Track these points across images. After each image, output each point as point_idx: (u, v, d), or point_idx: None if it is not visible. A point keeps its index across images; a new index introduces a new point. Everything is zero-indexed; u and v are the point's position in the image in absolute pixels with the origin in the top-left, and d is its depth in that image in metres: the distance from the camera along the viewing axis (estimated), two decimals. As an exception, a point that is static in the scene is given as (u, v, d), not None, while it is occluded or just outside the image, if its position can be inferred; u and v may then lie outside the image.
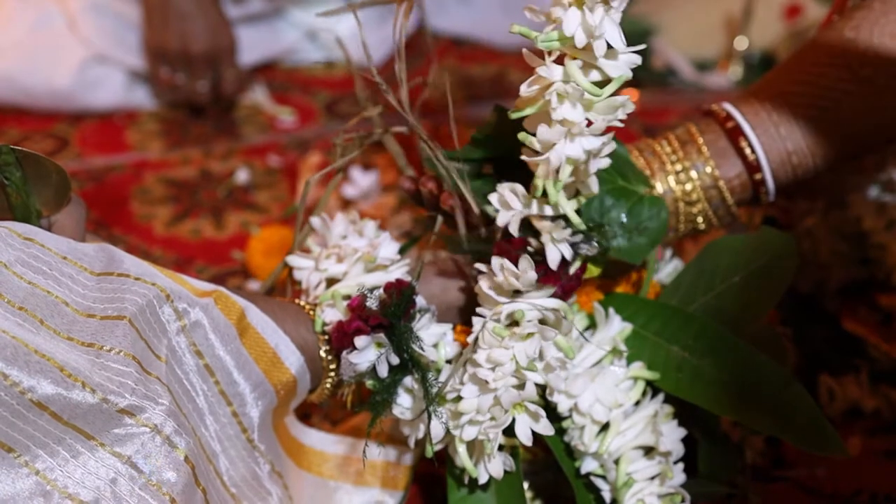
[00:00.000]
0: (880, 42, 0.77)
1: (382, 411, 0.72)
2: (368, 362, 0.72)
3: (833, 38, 0.79)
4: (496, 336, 0.69)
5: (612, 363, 0.76)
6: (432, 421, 0.71)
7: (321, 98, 1.47)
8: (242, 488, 0.71)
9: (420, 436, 0.74)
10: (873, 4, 0.79)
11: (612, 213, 0.77)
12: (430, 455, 0.72)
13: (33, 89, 1.37)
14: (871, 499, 0.87)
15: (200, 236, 1.20)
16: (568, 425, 0.75)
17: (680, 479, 0.74)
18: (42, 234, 0.66)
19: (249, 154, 1.33)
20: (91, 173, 1.30)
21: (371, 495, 0.80)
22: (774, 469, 0.90)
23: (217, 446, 0.70)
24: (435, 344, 0.73)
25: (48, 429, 0.58)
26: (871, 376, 0.96)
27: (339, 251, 0.77)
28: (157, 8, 1.35)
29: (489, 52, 1.60)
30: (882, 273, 0.99)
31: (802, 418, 0.70)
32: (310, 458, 0.80)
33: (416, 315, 0.72)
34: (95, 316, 0.64)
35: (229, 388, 0.70)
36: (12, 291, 0.62)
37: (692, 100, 1.47)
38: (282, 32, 1.52)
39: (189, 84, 1.37)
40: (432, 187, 0.77)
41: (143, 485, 0.61)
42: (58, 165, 0.69)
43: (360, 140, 0.77)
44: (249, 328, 0.72)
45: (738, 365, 0.73)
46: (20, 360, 0.57)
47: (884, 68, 0.77)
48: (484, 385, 0.70)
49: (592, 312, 0.78)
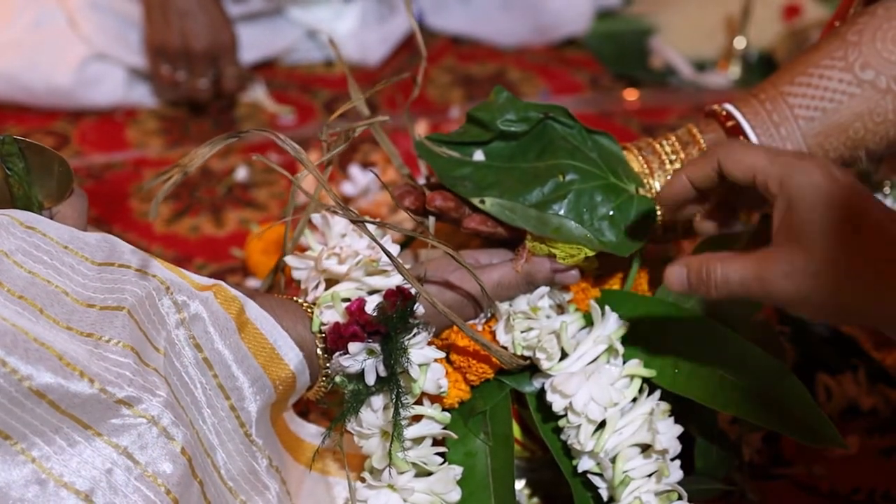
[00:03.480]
0: (883, 46, 0.78)
1: (350, 414, 0.73)
2: (358, 366, 0.72)
3: (836, 41, 0.80)
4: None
5: (608, 361, 0.76)
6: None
7: (321, 96, 1.47)
8: (240, 482, 0.71)
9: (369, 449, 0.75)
10: (876, 10, 0.80)
11: (601, 209, 0.78)
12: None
13: (33, 87, 1.37)
14: (868, 496, 0.87)
15: (200, 233, 1.20)
16: (564, 424, 0.76)
17: (677, 476, 0.74)
18: (44, 222, 0.66)
19: (249, 152, 1.33)
20: (91, 170, 1.30)
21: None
22: (772, 466, 0.90)
23: (215, 440, 0.70)
24: (421, 365, 0.73)
25: (46, 417, 0.59)
26: (869, 375, 0.96)
27: (340, 252, 0.76)
28: (158, 5, 1.35)
29: (488, 51, 1.60)
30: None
31: (799, 411, 0.70)
32: (308, 453, 0.80)
33: (415, 328, 0.72)
34: (95, 306, 0.64)
35: (227, 381, 0.70)
36: (12, 280, 0.62)
37: (691, 99, 1.47)
38: (282, 31, 1.52)
39: (190, 82, 1.37)
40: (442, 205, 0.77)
41: (138, 475, 0.61)
42: (61, 157, 0.69)
43: (346, 134, 0.77)
44: (248, 323, 0.72)
45: (734, 359, 0.73)
46: (19, 347, 0.57)
47: (886, 72, 0.78)
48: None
49: (588, 310, 0.78)
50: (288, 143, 0.70)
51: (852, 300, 0.61)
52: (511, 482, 0.75)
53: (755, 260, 0.63)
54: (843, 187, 0.62)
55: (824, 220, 0.61)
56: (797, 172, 0.63)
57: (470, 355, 0.77)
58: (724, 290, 0.64)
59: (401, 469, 0.73)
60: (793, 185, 0.62)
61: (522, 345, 0.76)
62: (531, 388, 0.78)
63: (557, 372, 0.76)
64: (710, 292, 0.65)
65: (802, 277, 0.61)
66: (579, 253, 0.76)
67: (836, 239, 0.60)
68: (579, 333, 0.78)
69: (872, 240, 0.61)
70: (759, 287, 0.63)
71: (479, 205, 0.77)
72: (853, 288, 0.61)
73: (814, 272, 0.60)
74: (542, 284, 0.78)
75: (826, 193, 0.61)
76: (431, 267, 0.78)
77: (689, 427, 0.77)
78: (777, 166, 0.64)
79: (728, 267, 0.64)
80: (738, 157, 0.66)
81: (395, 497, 0.74)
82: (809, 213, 0.61)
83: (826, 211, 0.61)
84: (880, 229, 0.61)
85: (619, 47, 1.59)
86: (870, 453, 0.92)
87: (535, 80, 1.53)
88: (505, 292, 0.78)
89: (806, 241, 0.61)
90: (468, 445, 0.77)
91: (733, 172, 0.67)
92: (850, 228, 0.61)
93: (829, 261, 0.60)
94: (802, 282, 0.61)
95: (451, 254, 0.72)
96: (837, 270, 0.60)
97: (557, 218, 0.76)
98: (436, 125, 1.35)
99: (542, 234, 0.76)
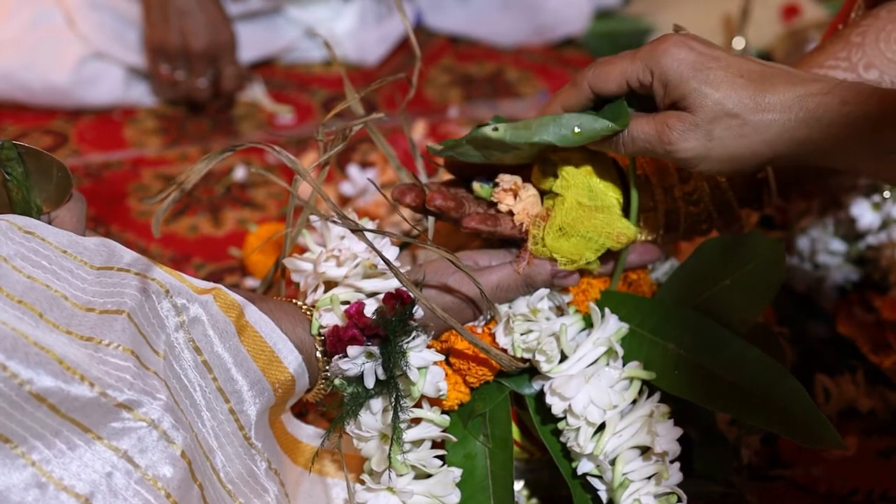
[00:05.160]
0: (886, 46, 0.79)
1: (349, 417, 0.73)
2: (357, 369, 0.72)
3: (839, 42, 0.81)
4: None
5: (607, 364, 0.76)
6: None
7: (319, 96, 1.47)
8: (239, 485, 0.71)
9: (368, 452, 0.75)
10: (880, 13, 0.80)
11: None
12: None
13: (31, 86, 1.36)
14: (866, 498, 0.88)
15: (198, 233, 1.20)
16: (563, 427, 0.76)
17: (676, 478, 0.74)
18: (43, 227, 0.66)
19: (247, 151, 1.33)
20: (89, 170, 1.30)
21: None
22: (770, 468, 0.90)
23: (214, 442, 0.70)
24: (420, 368, 0.73)
25: (46, 421, 0.58)
26: (867, 376, 0.96)
27: (339, 255, 0.76)
28: (158, 5, 1.35)
29: (487, 51, 1.60)
30: (877, 273, 0.99)
31: (798, 413, 0.70)
32: (306, 455, 0.80)
33: (414, 331, 0.72)
34: (94, 310, 0.64)
35: (227, 384, 0.70)
36: (11, 285, 0.62)
37: (690, 100, 1.47)
38: (280, 30, 1.52)
39: (189, 81, 1.37)
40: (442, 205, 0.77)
41: (138, 479, 0.61)
42: (59, 162, 0.69)
43: (342, 133, 0.76)
44: (248, 326, 0.72)
45: (734, 361, 0.73)
46: (20, 351, 0.57)
47: (889, 72, 0.79)
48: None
49: (588, 312, 0.78)
50: (283, 155, 0.71)
51: (746, 142, 0.70)
52: (510, 484, 0.75)
53: (658, 121, 0.71)
54: (702, 53, 0.70)
55: (697, 83, 0.69)
56: (660, 56, 0.71)
57: (469, 358, 0.77)
58: (630, 147, 0.73)
59: (400, 472, 0.73)
60: (661, 69, 0.71)
61: (522, 347, 0.76)
62: (530, 390, 0.78)
63: (557, 374, 0.76)
64: (618, 150, 0.74)
65: (696, 133, 0.70)
66: (580, 259, 0.77)
67: (714, 95, 0.69)
68: (579, 335, 0.78)
69: (743, 82, 0.69)
70: (661, 145, 0.71)
71: (493, 133, 0.74)
72: (739, 132, 0.69)
73: (706, 128, 0.69)
74: (542, 287, 0.78)
75: (691, 64, 0.70)
76: (430, 269, 0.78)
77: (689, 429, 0.77)
78: (639, 60, 0.72)
79: (634, 126, 0.72)
80: (605, 73, 0.74)
81: (394, 499, 0.74)
82: (684, 84, 0.70)
83: (696, 75, 0.70)
84: (746, 69, 0.70)
85: (617, 47, 1.57)
86: (868, 454, 0.92)
87: (533, 80, 1.53)
88: (504, 294, 0.78)
89: (691, 106, 0.70)
90: (467, 448, 0.77)
91: (606, 88, 0.74)
92: (721, 81, 0.69)
93: (714, 114, 0.69)
94: (697, 137, 0.70)
95: (449, 258, 0.72)
96: (724, 121, 0.69)
97: (577, 116, 0.74)
98: (434, 125, 1.35)
99: (565, 142, 0.74)
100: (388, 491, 0.74)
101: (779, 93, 0.68)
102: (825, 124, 0.67)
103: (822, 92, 0.67)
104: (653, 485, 0.74)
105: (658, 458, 0.74)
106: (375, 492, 0.74)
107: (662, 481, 0.73)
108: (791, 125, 0.68)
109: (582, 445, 0.74)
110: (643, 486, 0.73)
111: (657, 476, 0.74)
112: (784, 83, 0.69)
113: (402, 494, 0.74)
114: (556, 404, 0.75)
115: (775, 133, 0.69)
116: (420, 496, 0.74)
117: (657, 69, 0.71)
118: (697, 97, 0.69)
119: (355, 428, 0.74)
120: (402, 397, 0.72)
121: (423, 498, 0.74)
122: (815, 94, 0.67)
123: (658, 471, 0.74)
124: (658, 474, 0.74)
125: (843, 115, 0.66)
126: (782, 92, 0.68)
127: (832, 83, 0.68)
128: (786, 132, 0.68)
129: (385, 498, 0.74)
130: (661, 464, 0.74)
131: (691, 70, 0.70)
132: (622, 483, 0.73)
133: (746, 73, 0.69)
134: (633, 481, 0.74)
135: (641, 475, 0.74)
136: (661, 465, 0.74)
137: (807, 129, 0.68)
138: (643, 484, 0.74)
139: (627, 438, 0.74)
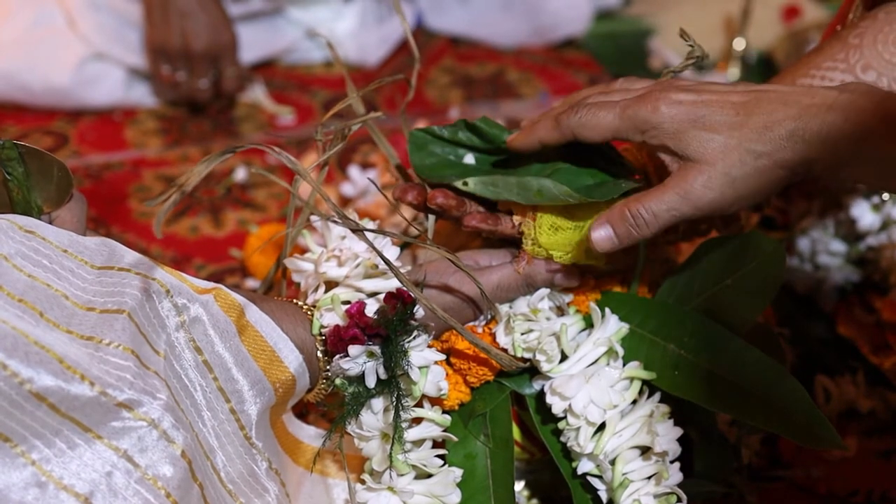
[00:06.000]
0: (884, 48, 0.79)
1: (350, 416, 0.73)
2: (358, 369, 0.72)
3: (837, 44, 0.81)
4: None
5: (608, 364, 0.76)
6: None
7: (320, 97, 1.47)
8: (239, 485, 0.71)
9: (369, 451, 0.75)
10: (878, 14, 0.80)
11: (584, 179, 0.78)
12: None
13: (32, 86, 1.37)
14: (866, 499, 0.88)
15: (199, 234, 1.20)
16: (563, 426, 0.76)
17: (676, 478, 0.74)
18: (43, 226, 0.66)
19: (248, 152, 1.33)
20: (89, 171, 1.30)
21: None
22: (771, 469, 0.90)
23: (214, 442, 0.70)
24: (421, 367, 0.73)
25: (46, 420, 0.58)
26: (867, 377, 0.96)
27: (340, 254, 0.76)
28: (159, 5, 1.35)
29: (487, 52, 1.60)
30: (878, 275, 0.99)
31: (798, 413, 0.70)
32: (306, 455, 0.80)
33: (415, 331, 0.72)
34: (95, 309, 0.64)
35: (228, 384, 0.70)
36: (12, 284, 0.62)
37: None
38: (281, 31, 1.52)
39: (190, 82, 1.37)
40: (443, 203, 0.77)
41: (138, 478, 0.61)
42: (60, 162, 0.69)
43: (342, 132, 0.76)
44: (248, 326, 0.72)
45: (733, 361, 0.73)
46: (20, 350, 0.57)
47: (887, 73, 0.79)
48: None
49: (588, 312, 0.78)
50: (284, 156, 0.71)
51: (766, 172, 0.69)
52: (511, 484, 0.75)
53: (671, 186, 0.70)
54: (691, 103, 0.70)
55: (696, 130, 0.69)
56: (649, 117, 0.70)
57: (470, 357, 0.77)
58: (655, 225, 0.71)
59: (401, 471, 0.73)
60: (652, 129, 0.71)
61: (522, 347, 0.76)
62: (531, 390, 0.79)
63: (557, 374, 0.76)
64: (644, 232, 0.72)
65: (718, 181, 0.69)
66: (574, 250, 0.76)
67: (717, 139, 0.69)
68: (579, 335, 0.78)
69: (741, 119, 0.69)
70: (688, 205, 0.70)
71: (462, 187, 0.76)
72: (754, 165, 0.68)
73: (722, 171, 0.69)
74: (542, 286, 0.78)
75: (682, 118, 0.70)
76: (431, 269, 0.78)
77: (689, 429, 0.77)
78: (626, 121, 0.71)
79: (650, 202, 0.71)
80: (591, 125, 0.73)
81: (394, 499, 0.74)
82: (681, 138, 0.70)
83: (693, 124, 0.69)
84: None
85: (618, 48, 1.59)
86: (868, 455, 0.92)
87: (534, 81, 1.53)
88: (504, 294, 0.78)
89: (698, 156, 0.69)
90: (468, 447, 0.77)
91: (589, 138, 0.74)
92: (719, 124, 0.69)
93: (724, 156, 0.69)
94: (721, 183, 0.69)
95: (450, 258, 0.72)
96: (736, 159, 0.68)
97: (538, 181, 0.75)
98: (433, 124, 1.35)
99: (526, 200, 0.75)
100: (388, 490, 0.74)
101: (777, 117, 0.68)
102: (831, 145, 0.67)
103: (823, 107, 0.67)
104: (653, 485, 0.74)
105: (658, 458, 0.74)
106: (376, 491, 0.74)
107: (662, 481, 0.73)
108: (800, 148, 0.67)
109: (582, 445, 0.74)
110: (643, 486, 0.73)
111: (657, 476, 0.74)
112: (779, 105, 0.68)
113: (402, 494, 0.74)
114: (557, 404, 0.75)
115: (788, 156, 0.68)
116: (421, 496, 0.74)
117: (650, 130, 0.71)
118: (701, 145, 0.69)
119: (356, 427, 0.74)
120: (403, 397, 0.72)
121: (424, 498, 0.74)
122: (815, 114, 0.67)
123: (658, 471, 0.74)
124: (658, 474, 0.74)
125: (846, 135, 0.66)
126: (781, 116, 0.68)
127: (830, 97, 0.67)
128: (796, 155, 0.68)
129: (386, 498, 0.74)
130: (661, 464, 0.74)
131: (686, 122, 0.70)
132: (622, 483, 0.73)
133: (741, 108, 0.69)
134: (633, 481, 0.74)
135: (641, 475, 0.74)
136: (661, 465, 0.74)
137: (815, 151, 0.67)
138: (643, 484, 0.74)
139: (627, 438, 0.74)
